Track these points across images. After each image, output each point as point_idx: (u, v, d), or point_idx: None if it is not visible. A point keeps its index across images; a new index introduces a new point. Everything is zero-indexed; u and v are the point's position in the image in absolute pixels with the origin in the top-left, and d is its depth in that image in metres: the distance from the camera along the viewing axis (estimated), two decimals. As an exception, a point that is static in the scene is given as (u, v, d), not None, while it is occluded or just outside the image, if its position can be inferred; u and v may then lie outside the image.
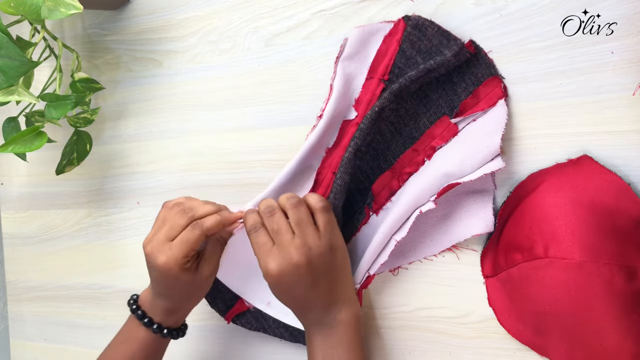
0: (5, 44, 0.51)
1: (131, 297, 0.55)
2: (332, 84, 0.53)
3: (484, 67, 0.48)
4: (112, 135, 0.70)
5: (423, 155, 0.51)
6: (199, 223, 0.49)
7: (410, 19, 0.51)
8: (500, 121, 0.47)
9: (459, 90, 0.49)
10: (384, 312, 0.55)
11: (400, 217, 0.50)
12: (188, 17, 0.63)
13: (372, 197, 0.54)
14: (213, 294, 0.59)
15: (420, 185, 0.49)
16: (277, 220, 0.48)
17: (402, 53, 0.51)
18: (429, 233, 0.52)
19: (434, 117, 0.51)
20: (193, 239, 0.48)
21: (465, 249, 0.51)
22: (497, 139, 0.47)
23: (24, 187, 0.78)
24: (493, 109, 0.48)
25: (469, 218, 0.50)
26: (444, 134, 0.50)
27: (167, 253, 0.48)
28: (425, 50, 0.50)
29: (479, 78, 0.49)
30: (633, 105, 0.44)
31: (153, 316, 0.53)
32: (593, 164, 0.45)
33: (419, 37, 0.50)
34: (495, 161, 0.47)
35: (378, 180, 0.53)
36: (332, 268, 0.49)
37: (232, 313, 0.59)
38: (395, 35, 0.52)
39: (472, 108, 0.49)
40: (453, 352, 0.52)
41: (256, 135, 0.60)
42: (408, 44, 0.51)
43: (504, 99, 0.48)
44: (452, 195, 0.50)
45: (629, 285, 0.42)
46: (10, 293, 0.81)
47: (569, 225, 0.43)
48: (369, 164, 0.53)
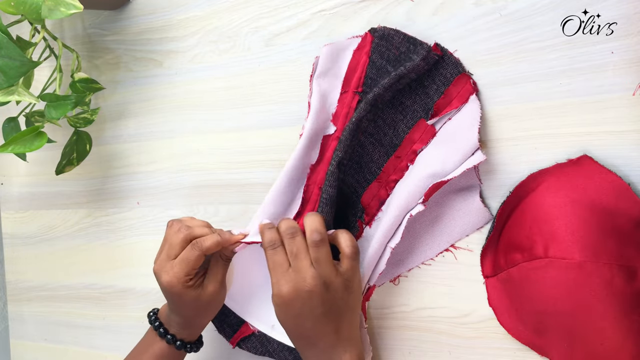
0: (5, 44, 0.51)
1: (151, 310, 0.57)
2: (310, 102, 0.54)
3: (452, 66, 0.49)
4: (112, 135, 0.70)
5: (406, 161, 0.52)
6: (198, 243, 0.50)
7: (377, 30, 0.52)
8: (475, 115, 0.48)
9: (431, 93, 0.50)
10: (384, 312, 0.55)
11: (393, 224, 0.50)
12: (188, 17, 0.63)
13: (362, 210, 0.54)
14: (220, 318, 0.59)
15: (407, 190, 0.50)
16: (297, 244, 0.47)
17: (372, 64, 0.53)
18: (423, 237, 0.52)
19: (411, 122, 0.52)
20: (192, 258, 0.49)
21: (465, 249, 0.51)
22: (475, 133, 0.48)
23: (24, 187, 0.78)
24: (466, 105, 0.49)
25: (463, 216, 0.50)
26: (423, 136, 0.51)
27: (169, 272, 0.50)
28: (394, 59, 0.51)
29: (448, 78, 0.50)
30: (633, 105, 0.44)
31: (169, 328, 0.54)
32: (593, 164, 0.45)
33: (387, 47, 0.52)
34: (476, 155, 0.48)
35: (366, 192, 0.54)
36: (343, 306, 0.48)
37: (237, 337, 0.59)
38: (363, 48, 0.53)
39: (446, 107, 0.50)
40: (453, 352, 0.52)
41: (256, 135, 0.60)
42: (377, 55, 0.52)
43: (475, 93, 0.49)
44: (440, 197, 0.51)
45: (629, 286, 0.42)
46: (10, 293, 0.81)
47: (569, 225, 0.43)
48: (354, 178, 0.54)
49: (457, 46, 0.50)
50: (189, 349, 0.55)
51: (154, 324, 0.55)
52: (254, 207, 0.61)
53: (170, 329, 0.54)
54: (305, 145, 0.54)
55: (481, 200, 0.50)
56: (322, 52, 0.54)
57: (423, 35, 0.51)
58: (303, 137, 0.54)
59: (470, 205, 0.50)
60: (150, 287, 0.68)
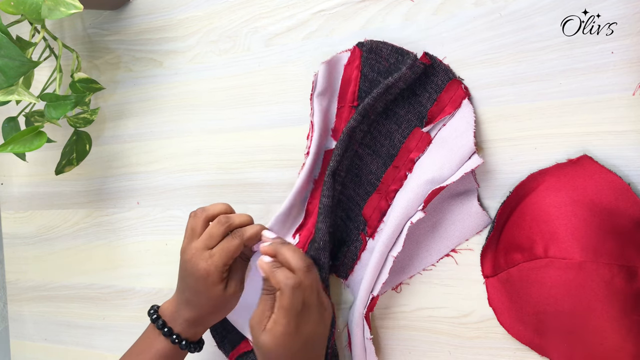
0: (5, 44, 0.51)
1: (151, 307, 0.55)
2: (312, 121, 0.55)
3: (442, 73, 0.50)
4: (112, 135, 0.70)
5: (404, 170, 0.52)
6: (239, 232, 0.50)
7: (364, 44, 0.53)
8: (468, 120, 0.48)
9: (424, 101, 0.51)
10: (384, 312, 0.55)
11: (393, 233, 0.50)
12: (188, 17, 0.63)
13: (364, 222, 0.54)
14: (222, 334, 0.59)
15: (407, 198, 0.50)
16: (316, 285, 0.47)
17: (364, 78, 0.53)
18: (424, 244, 0.52)
19: (406, 131, 0.52)
20: (233, 247, 0.49)
21: (465, 249, 0.51)
22: (470, 137, 0.48)
23: (24, 187, 0.78)
24: (459, 110, 0.49)
25: (462, 221, 0.50)
26: (419, 144, 0.51)
27: (207, 260, 0.49)
28: (385, 70, 0.52)
29: (439, 85, 0.50)
30: (633, 105, 0.44)
31: (173, 327, 0.53)
32: (593, 164, 0.45)
33: (376, 59, 0.52)
34: (472, 159, 0.48)
35: (367, 204, 0.54)
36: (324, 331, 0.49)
37: (235, 353, 0.59)
38: (353, 62, 0.53)
39: (439, 114, 0.50)
40: (453, 352, 0.52)
41: (256, 135, 0.60)
42: (368, 68, 0.53)
43: (467, 98, 0.49)
44: (438, 202, 0.51)
45: (629, 286, 0.42)
46: (10, 293, 0.81)
47: (569, 225, 0.43)
48: (355, 191, 0.54)
49: (457, 46, 0.50)
50: (193, 349, 0.55)
51: (156, 322, 0.53)
52: (254, 207, 0.61)
53: (175, 328, 0.53)
54: (312, 163, 0.55)
55: (479, 203, 0.50)
56: (319, 70, 0.54)
57: (423, 35, 0.51)
58: (310, 155, 0.54)
59: (469, 209, 0.50)
60: (150, 287, 0.68)
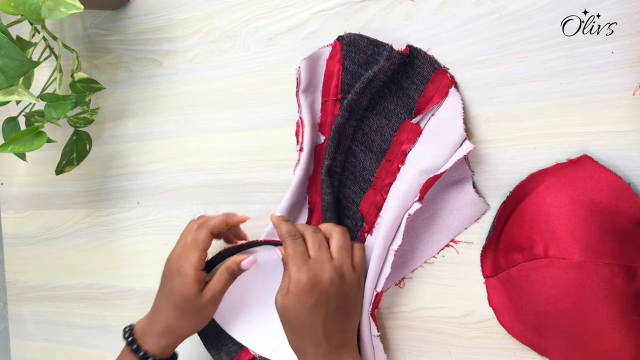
0: (5, 44, 0.51)
1: (127, 326, 0.56)
2: (301, 117, 0.55)
3: (428, 64, 0.50)
4: (112, 135, 0.70)
5: (397, 163, 0.52)
6: (204, 222, 0.53)
7: (344, 38, 0.54)
8: (457, 107, 0.49)
9: (411, 93, 0.51)
10: (384, 312, 0.55)
11: (392, 226, 0.50)
12: (188, 17, 0.63)
13: (362, 219, 0.54)
14: (217, 347, 0.59)
15: (402, 190, 0.50)
16: (320, 237, 0.50)
17: (345, 71, 0.54)
18: (423, 236, 0.52)
19: (396, 125, 0.52)
20: (201, 238, 0.52)
21: (465, 249, 0.51)
22: (460, 124, 0.48)
23: (24, 187, 0.78)
24: (447, 99, 0.50)
25: (459, 209, 0.50)
26: (410, 136, 0.52)
27: (182, 256, 0.52)
28: (364, 62, 0.53)
29: (425, 76, 0.50)
30: (633, 105, 0.44)
31: (144, 342, 0.53)
32: (593, 164, 0.45)
33: (355, 52, 0.53)
34: (464, 145, 0.48)
35: (363, 200, 0.54)
36: (354, 305, 0.50)
37: None
38: (335, 57, 0.54)
39: (427, 104, 0.51)
40: (453, 352, 0.52)
41: (256, 135, 0.60)
42: (349, 61, 0.53)
43: (454, 86, 0.49)
44: (434, 193, 0.51)
45: (629, 286, 0.42)
46: (10, 293, 0.81)
47: (569, 225, 0.43)
48: (351, 189, 0.55)
49: (457, 46, 0.50)
50: None
51: (127, 339, 0.54)
52: (254, 207, 0.61)
53: (144, 344, 0.53)
54: (307, 159, 0.55)
55: (475, 190, 0.50)
56: (301, 66, 0.54)
57: (423, 35, 0.51)
58: (304, 152, 0.55)
59: (465, 197, 0.50)
60: (150, 287, 0.68)
